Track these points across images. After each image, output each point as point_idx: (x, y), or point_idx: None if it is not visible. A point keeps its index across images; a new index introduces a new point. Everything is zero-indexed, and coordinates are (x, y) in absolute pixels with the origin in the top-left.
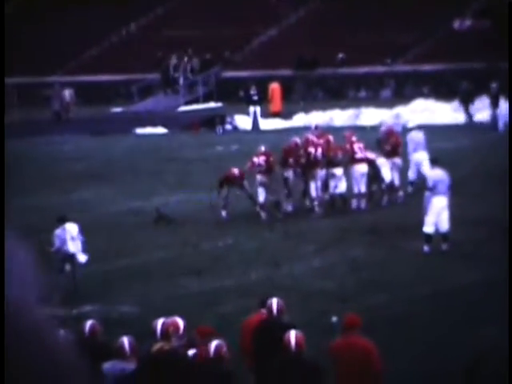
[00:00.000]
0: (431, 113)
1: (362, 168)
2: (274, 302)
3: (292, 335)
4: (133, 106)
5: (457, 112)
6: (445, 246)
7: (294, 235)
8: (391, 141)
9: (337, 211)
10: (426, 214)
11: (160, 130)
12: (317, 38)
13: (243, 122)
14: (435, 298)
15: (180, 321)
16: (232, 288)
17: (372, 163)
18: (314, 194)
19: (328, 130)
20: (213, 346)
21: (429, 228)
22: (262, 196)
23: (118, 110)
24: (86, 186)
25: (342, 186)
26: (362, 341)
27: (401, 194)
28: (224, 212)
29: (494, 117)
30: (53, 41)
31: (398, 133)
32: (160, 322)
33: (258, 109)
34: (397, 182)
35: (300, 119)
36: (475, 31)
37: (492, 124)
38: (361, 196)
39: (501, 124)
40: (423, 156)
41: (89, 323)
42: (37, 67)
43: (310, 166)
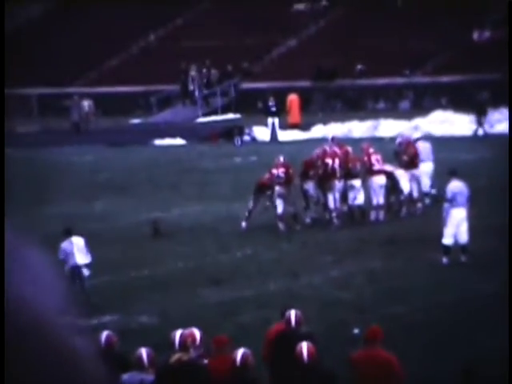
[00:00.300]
0: (450, 124)
1: (381, 180)
2: (292, 313)
3: (304, 347)
4: (151, 117)
5: (476, 123)
6: (464, 258)
7: (313, 246)
8: (409, 152)
9: (355, 223)
10: (444, 225)
11: (179, 142)
12: (336, 49)
13: (262, 133)
14: (454, 309)
15: (197, 331)
16: (251, 298)
17: (390, 175)
18: (331, 206)
19: (346, 141)
20: (239, 354)
21: (448, 240)
22: (280, 207)
23: (136, 121)
24: (105, 196)
25: (360, 198)
26: (384, 354)
27: (419, 205)
28: (244, 223)
29: None
30: (72, 52)
31: (417, 144)
32: (178, 333)
33: (277, 120)
34: (415, 193)
35: (318, 131)
36: (494, 42)
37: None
38: (379, 208)
39: None
40: (429, 167)
41: (105, 334)
42: (57, 78)
43: (327, 177)
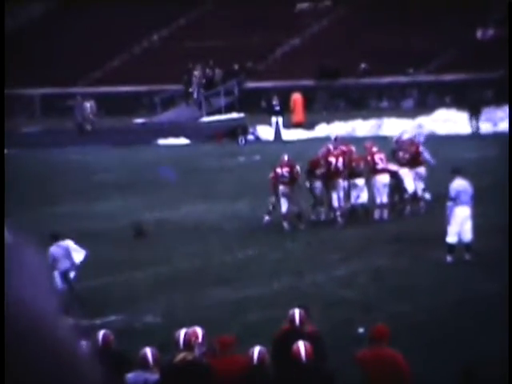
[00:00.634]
0: (453, 123)
1: (384, 178)
2: (296, 312)
3: (301, 346)
4: (155, 116)
5: (480, 121)
6: (468, 256)
7: (317, 245)
8: (411, 150)
9: (359, 221)
10: (448, 224)
11: (182, 141)
12: (339, 48)
13: (265, 132)
14: (458, 307)
15: (199, 330)
16: (256, 298)
17: (395, 174)
18: (336, 205)
19: (350, 140)
20: (256, 352)
21: (452, 238)
22: (284, 207)
23: (140, 120)
24: (109, 196)
25: (363, 197)
26: (391, 352)
27: (423, 204)
28: (267, 217)
29: None
30: (75, 52)
31: (419, 142)
32: (182, 333)
33: (281, 119)
34: (420, 192)
35: (322, 129)
36: (497, 40)
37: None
38: (383, 206)
39: None
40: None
41: (101, 333)
42: (60, 78)
43: (331, 176)
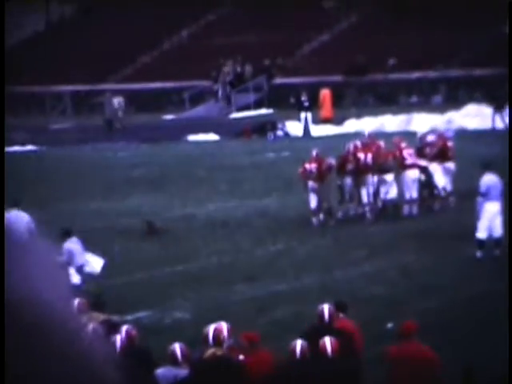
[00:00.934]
0: (484, 118)
1: (414, 174)
2: (326, 307)
3: (327, 342)
4: (185, 112)
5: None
6: (498, 252)
7: (346, 241)
8: (438, 144)
9: (388, 217)
10: (478, 219)
11: (212, 137)
12: (368, 43)
13: (294, 128)
14: (488, 303)
15: (224, 324)
16: (284, 294)
17: (424, 169)
18: (365, 200)
19: (379, 135)
20: (298, 346)
21: (482, 234)
22: (313, 202)
23: (169, 117)
24: (140, 192)
25: (392, 192)
26: (421, 347)
27: (452, 199)
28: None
29: None
30: (106, 49)
31: (448, 137)
32: (212, 329)
33: (310, 115)
34: (449, 187)
35: (351, 125)
36: None
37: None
38: (412, 202)
39: None
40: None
41: (124, 329)
42: (90, 75)
43: (359, 171)
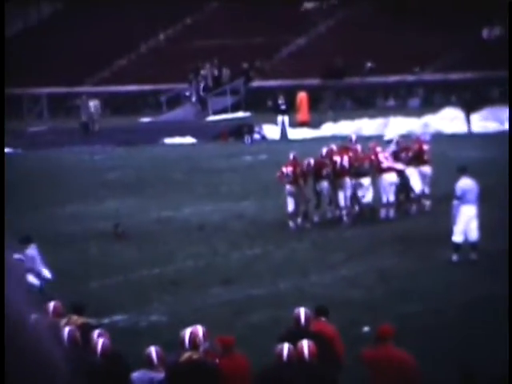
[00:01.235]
0: (460, 121)
1: (391, 177)
2: (302, 311)
3: (305, 345)
4: (161, 115)
5: (487, 120)
6: (474, 256)
7: (323, 245)
8: (414, 148)
9: (365, 221)
10: (454, 223)
11: (188, 140)
12: (345, 47)
13: (271, 131)
14: (465, 306)
15: (200, 328)
16: (261, 297)
17: (401, 173)
18: (342, 204)
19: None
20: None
21: (458, 237)
22: (290, 206)
23: (146, 120)
24: (116, 195)
25: (368, 196)
26: (397, 351)
27: (428, 203)
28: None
29: None
30: (82, 51)
31: (424, 141)
32: (188, 332)
33: (287, 118)
34: (426, 190)
35: (328, 128)
36: (504, 39)
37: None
38: (389, 205)
39: None
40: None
41: (96, 333)
42: (67, 78)
43: (337, 175)
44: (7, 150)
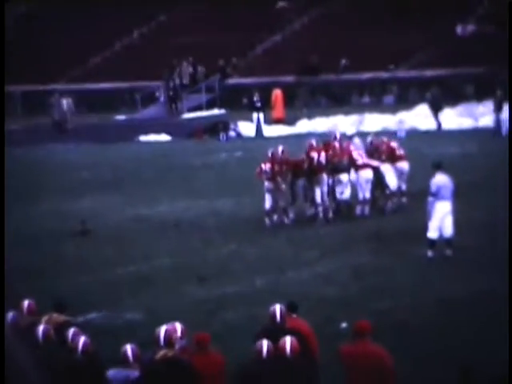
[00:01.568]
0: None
1: (367, 174)
2: (277, 308)
3: (287, 341)
4: (136, 113)
5: (461, 117)
6: (449, 252)
7: (299, 241)
8: (383, 149)
9: (341, 217)
10: (429, 219)
11: (163, 138)
12: (320, 44)
13: (247, 128)
14: (439, 303)
15: (179, 325)
16: (236, 295)
17: (376, 170)
18: (318, 200)
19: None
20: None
21: (432, 233)
22: (268, 202)
23: (121, 117)
24: (90, 193)
25: (347, 193)
26: (374, 347)
27: (404, 199)
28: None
29: (498, 122)
30: (56, 48)
31: (389, 140)
32: (163, 330)
33: (262, 115)
34: (402, 187)
35: (303, 125)
36: (478, 36)
37: (496, 129)
38: (365, 202)
39: (504, 129)
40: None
41: (71, 331)
42: (40, 75)
43: (314, 171)
44: None
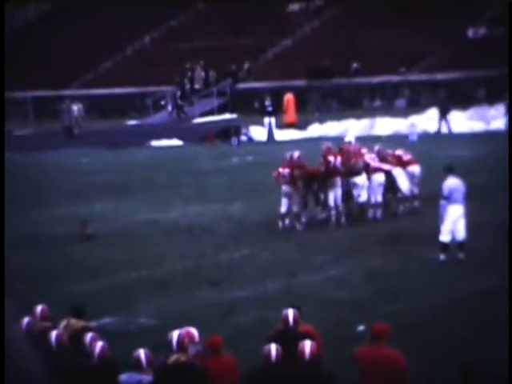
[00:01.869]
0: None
1: (380, 177)
2: (290, 312)
3: (307, 345)
4: (148, 118)
5: (472, 120)
6: (461, 255)
7: (311, 245)
8: (389, 160)
9: (353, 221)
10: (441, 222)
11: (175, 142)
12: (331, 47)
13: (258, 133)
14: (452, 306)
15: (194, 330)
16: (248, 299)
17: (388, 173)
18: (331, 204)
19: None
20: (273, 351)
21: (445, 237)
22: (284, 206)
23: (133, 122)
24: (102, 198)
25: (364, 195)
26: (390, 350)
27: (416, 203)
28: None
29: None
30: (68, 54)
31: (391, 151)
32: (176, 334)
33: (273, 120)
34: (415, 190)
35: (315, 130)
36: (489, 39)
37: (507, 132)
38: (377, 206)
39: None
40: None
41: (100, 345)
42: (52, 80)
43: (329, 174)
44: None
